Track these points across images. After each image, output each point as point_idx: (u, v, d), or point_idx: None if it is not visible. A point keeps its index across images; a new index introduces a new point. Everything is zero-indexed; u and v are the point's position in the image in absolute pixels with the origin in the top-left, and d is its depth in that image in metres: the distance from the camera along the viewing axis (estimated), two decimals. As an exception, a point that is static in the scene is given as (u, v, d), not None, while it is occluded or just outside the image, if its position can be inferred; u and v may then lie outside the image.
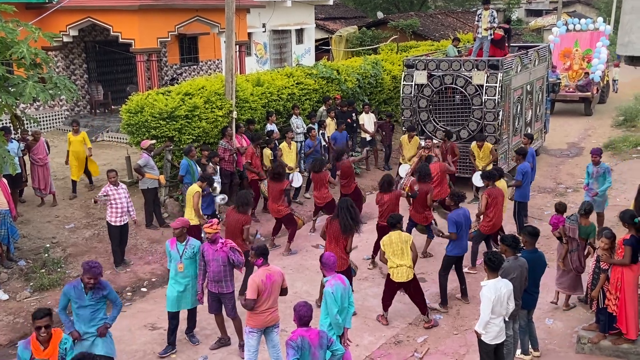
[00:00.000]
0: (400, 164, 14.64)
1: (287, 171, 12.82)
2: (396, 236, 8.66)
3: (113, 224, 10.56)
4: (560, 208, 9.56)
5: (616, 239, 7.85)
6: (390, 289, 8.96)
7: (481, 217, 10.51)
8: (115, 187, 10.49)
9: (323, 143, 14.84)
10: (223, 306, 8.29)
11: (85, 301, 7.00)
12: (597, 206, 11.17)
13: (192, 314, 8.53)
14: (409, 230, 10.78)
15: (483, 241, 10.78)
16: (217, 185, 11.80)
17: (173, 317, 8.37)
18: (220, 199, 11.70)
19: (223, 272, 8.03)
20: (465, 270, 10.53)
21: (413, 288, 8.86)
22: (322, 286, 7.27)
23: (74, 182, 13.12)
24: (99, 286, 7.05)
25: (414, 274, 8.79)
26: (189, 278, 8.20)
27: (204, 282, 8.25)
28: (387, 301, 9.08)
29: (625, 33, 5.36)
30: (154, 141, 12.28)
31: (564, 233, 9.09)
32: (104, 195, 10.46)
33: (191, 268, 8.18)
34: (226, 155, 12.97)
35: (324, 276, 7.17)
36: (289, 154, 13.66)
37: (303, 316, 6.01)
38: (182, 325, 8.57)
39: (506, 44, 16.48)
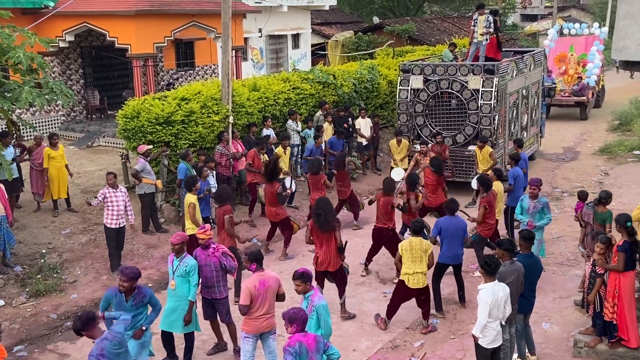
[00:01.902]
0: (392, 167, 14.65)
1: (282, 175, 12.84)
2: (417, 243, 8.61)
3: (109, 226, 10.53)
4: (582, 195, 10.25)
5: (611, 243, 7.88)
6: (404, 295, 8.86)
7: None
8: (114, 190, 10.47)
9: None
10: (217, 312, 8.25)
11: (126, 307, 7.04)
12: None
13: (187, 338, 8.12)
14: (401, 233, 10.80)
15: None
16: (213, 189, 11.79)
17: (164, 339, 8.06)
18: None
19: (215, 277, 7.96)
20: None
21: (426, 294, 8.86)
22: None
23: (54, 202, 12.32)
24: (138, 292, 7.10)
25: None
26: (180, 298, 7.78)
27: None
28: (394, 308, 9.02)
29: (620, 38, 5.39)
30: (150, 146, 12.27)
31: (580, 218, 9.75)
32: (102, 198, 10.44)
33: (183, 288, 7.76)
34: (223, 160, 12.98)
35: (305, 292, 6.82)
36: (283, 159, 13.68)
37: (305, 320, 5.93)
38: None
39: (500, 45, 16.53)
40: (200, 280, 8.02)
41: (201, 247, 8.03)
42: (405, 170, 13.66)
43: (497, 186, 10.84)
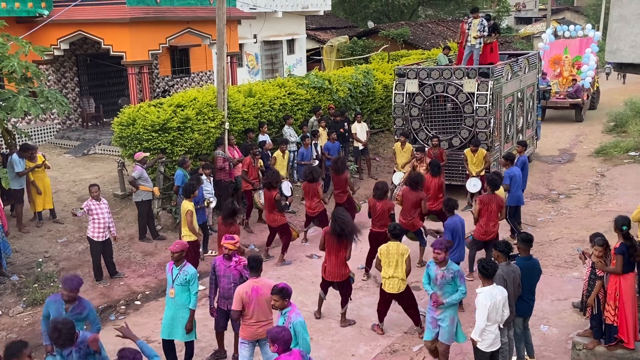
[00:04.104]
0: (394, 171, 14.67)
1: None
2: (394, 247, 8.56)
3: (95, 239, 10.44)
4: None
5: (609, 245, 7.88)
6: (383, 299, 8.93)
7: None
8: (97, 202, 10.39)
9: (315, 153, 14.85)
10: (230, 322, 8.12)
11: (62, 316, 6.86)
12: (442, 337, 7.77)
13: (188, 345, 8.07)
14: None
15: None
16: (213, 200, 11.78)
17: (166, 347, 7.98)
18: (213, 205, 11.74)
19: (234, 289, 7.76)
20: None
21: (405, 300, 8.82)
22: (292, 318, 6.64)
23: (39, 213, 12.21)
24: (79, 303, 6.96)
25: (407, 286, 8.76)
26: (179, 307, 7.74)
27: (214, 297, 8.10)
28: (382, 311, 9.05)
29: (614, 40, 5.41)
30: (147, 154, 12.25)
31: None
32: (87, 209, 10.37)
33: (183, 296, 7.71)
34: (226, 165, 13.00)
35: (282, 308, 6.64)
36: (281, 163, 13.68)
37: (287, 341, 5.71)
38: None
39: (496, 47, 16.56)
40: (218, 290, 7.96)
41: (224, 257, 7.91)
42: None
43: (499, 192, 10.83)
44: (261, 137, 14.31)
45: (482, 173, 13.18)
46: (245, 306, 7.08)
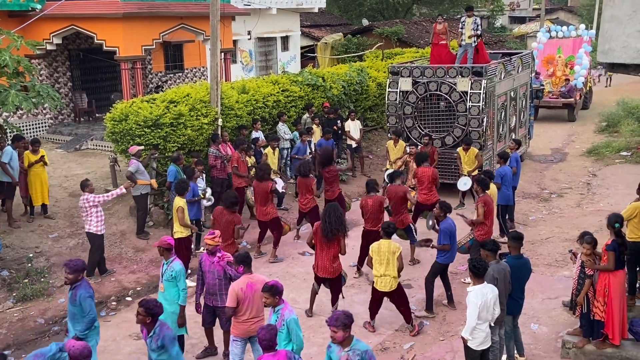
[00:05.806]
0: (386, 169, 14.66)
1: (272, 175, 12.80)
2: (385, 245, 8.58)
3: (100, 233, 10.38)
4: None
5: (597, 244, 7.92)
6: (375, 297, 8.95)
7: (474, 225, 10.39)
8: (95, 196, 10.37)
9: (309, 151, 14.84)
10: (218, 319, 8.13)
11: (69, 298, 7.11)
12: None
13: (177, 340, 8.02)
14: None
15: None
16: (208, 190, 11.75)
17: None
18: (206, 201, 11.70)
19: (218, 285, 7.85)
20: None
21: (397, 297, 8.84)
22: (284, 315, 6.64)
23: (32, 208, 12.19)
24: (78, 287, 7.08)
25: (399, 284, 8.78)
26: (167, 302, 7.65)
27: (202, 293, 8.09)
28: (373, 309, 9.06)
29: (606, 40, 5.42)
30: (142, 147, 12.17)
31: None
32: (92, 204, 10.31)
33: (171, 291, 7.69)
34: (217, 162, 12.95)
35: (275, 305, 6.64)
36: (272, 160, 13.66)
37: (262, 340, 5.71)
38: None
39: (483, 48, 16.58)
40: (205, 287, 7.97)
41: (207, 252, 7.94)
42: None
43: (491, 189, 10.84)
44: (254, 134, 14.29)
45: (474, 172, 13.20)
46: (240, 302, 7.08)
